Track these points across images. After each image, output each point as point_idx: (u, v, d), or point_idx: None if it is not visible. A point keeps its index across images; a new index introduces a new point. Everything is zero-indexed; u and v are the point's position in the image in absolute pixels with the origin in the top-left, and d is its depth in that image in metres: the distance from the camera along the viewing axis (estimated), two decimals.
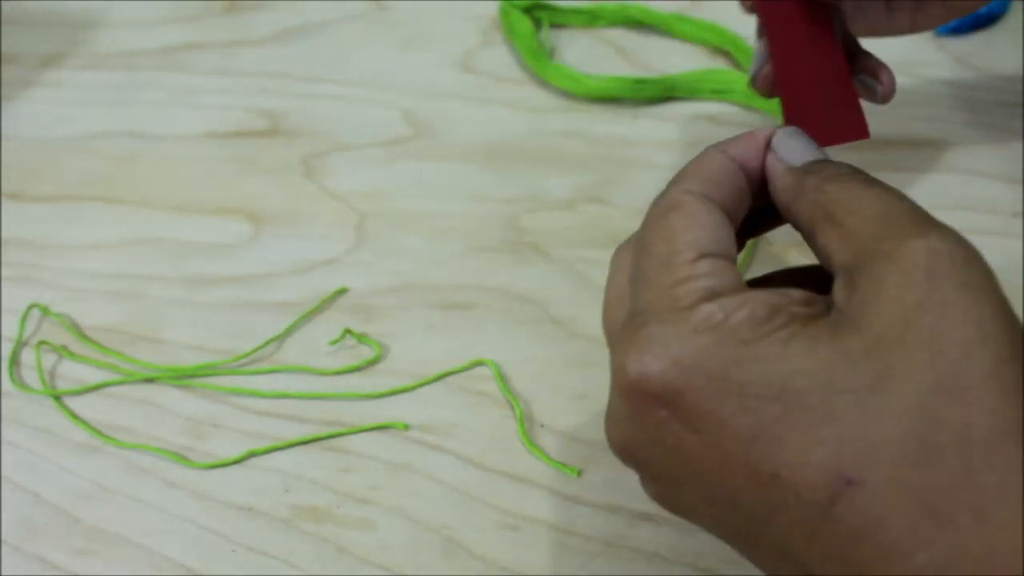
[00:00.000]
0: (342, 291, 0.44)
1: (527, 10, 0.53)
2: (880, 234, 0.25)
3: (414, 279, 0.44)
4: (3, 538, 0.38)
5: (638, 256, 0.28)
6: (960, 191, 0.45)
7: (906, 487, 0.23)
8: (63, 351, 0.43)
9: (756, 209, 0.31)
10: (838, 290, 0.26)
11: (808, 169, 0.29)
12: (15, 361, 0.43)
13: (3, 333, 0.44)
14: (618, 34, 0.54)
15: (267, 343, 0.43)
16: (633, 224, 0.45)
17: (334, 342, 0.42)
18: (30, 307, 0.44)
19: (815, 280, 0.29)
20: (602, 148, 0.48)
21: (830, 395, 0.24)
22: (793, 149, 0.30)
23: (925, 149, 0.46)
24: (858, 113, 0.34)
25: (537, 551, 0.37)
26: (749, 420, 0.24)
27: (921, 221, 0.26)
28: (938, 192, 0.45)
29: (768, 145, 0.30)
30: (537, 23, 0.53)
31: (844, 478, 0.23)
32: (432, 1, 0.56)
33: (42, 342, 0.43)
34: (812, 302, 0.26)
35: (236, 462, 0.40)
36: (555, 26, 0.54)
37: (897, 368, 0.23)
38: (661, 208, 0.29)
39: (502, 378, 0.41)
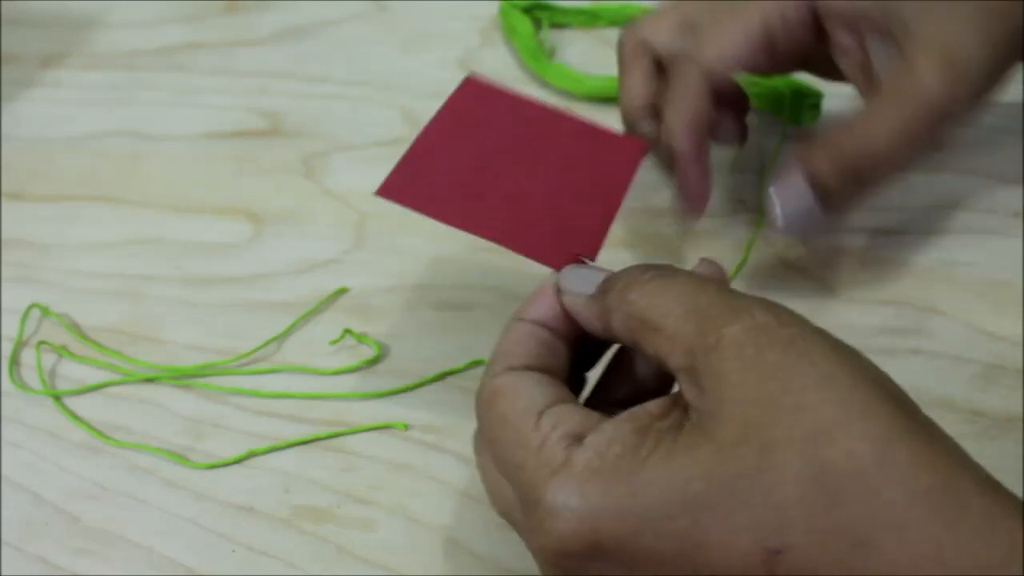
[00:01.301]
0: (342, 291, 0.44)
1: (527, 10, 0.53)
2: (700, 329, 0.27)
3: (414, 279, 0.44)
4: (3, 538, 0.38)
5: (493, 450, 0.29)
6: (960, 191, 0.45)
7: (826, 532, 0.24)
8: (63, 351, 0.43)
9: (590, 341, 0.32)
10: (686, 391, 0.27)
11: (604, 288, 0.30)
12: (15, 361, 0.43)
13: (3, 333, 0.44)
14: (618, 34, 0.54)
15: (267, 343, 0.43)
16: (633, 224, 0.45)
17: (334, 342, 0.42)
18: (30, 307, 0.44)
19: (643, 368, 0.31)
20: None
21: (726, 488, 0.25)
22: (579, 280, 0.31)
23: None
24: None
25: None
26: (668, 543, 0.26)
27: (729, 306, 0.27)
28: (938, 192, 0.45)
29: (558, 291, 0.31)
30: (537, 23, 0.53)
31: (772, 551, 0.25)
32: (432, 1, 0.56)
33: (42, 342, 0.43)
34: (668, 412, 0.27)
35: (236, 462, 0.40)
36: (555, 26, 0.54)
37: (771, 438, 0.25)
38: (483, 402, 0.30)
39: None
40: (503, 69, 0.52)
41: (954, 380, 0.39)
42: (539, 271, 0.44)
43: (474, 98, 0.36)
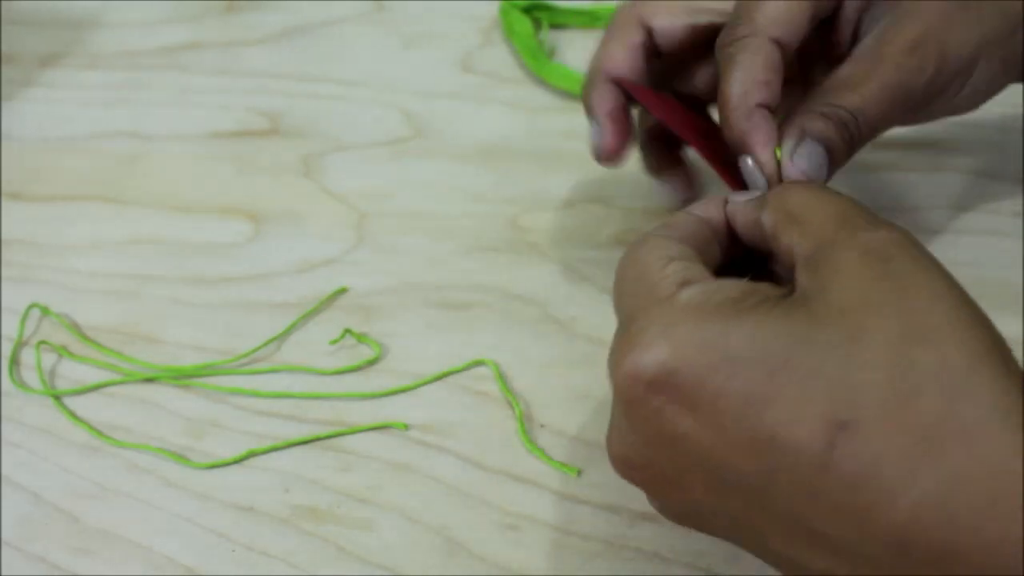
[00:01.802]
0: (342, 291, 0.44)
1: (527, 10, 0.53)
2: (837, 228, 0.28)
3: (414, 279, 0.44)
4: (3, 538, 0.38)
5: (617, 290, 0.31)
6: (960, 191, 0.45)
7: (896, 422, 0.24)
8: (63, 351, 0.43)
9: (733, 262, 0.33)
10: (801, 277, 0.28)
11: (763, 196, 0.32)
12: (15, 361, 0.43)
13: (3, 333, 0.44)
14: None
15: (267, 343, 0.43)
16: (633, 224, 0.45)
17: (334, 342, 0.42)
18: (30, 307, 0.44)
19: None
20: None
21: (810, 352, 0.25)
22: (746, 194, 0.33)
23: (925, 149, 0.47)
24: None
25: (537, 551, 0.37)
26: (739, 387, 0.26)
27: (873, 219, 0.28)
28: (938, 192, 0.45)
29: (725, 203, 0.33)
30: (537, 23, 0.53)
31: (837, 423, 0.25)
32: (432, 1, 0.56)
33: (42, 342, 0.43)
34: (778, 288, 0.28)
35: (236, 462, 0.40)
36: (555, 27, 0.54)
37: (867, 324, 0.25)
38: (629, 245, 0.31)
39: (502, 378, 0.41)
40: (503, 69, 0.52)
41: None
42: (539, 271, 0.44)
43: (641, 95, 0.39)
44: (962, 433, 0.24)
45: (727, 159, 0.35)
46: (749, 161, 0.34)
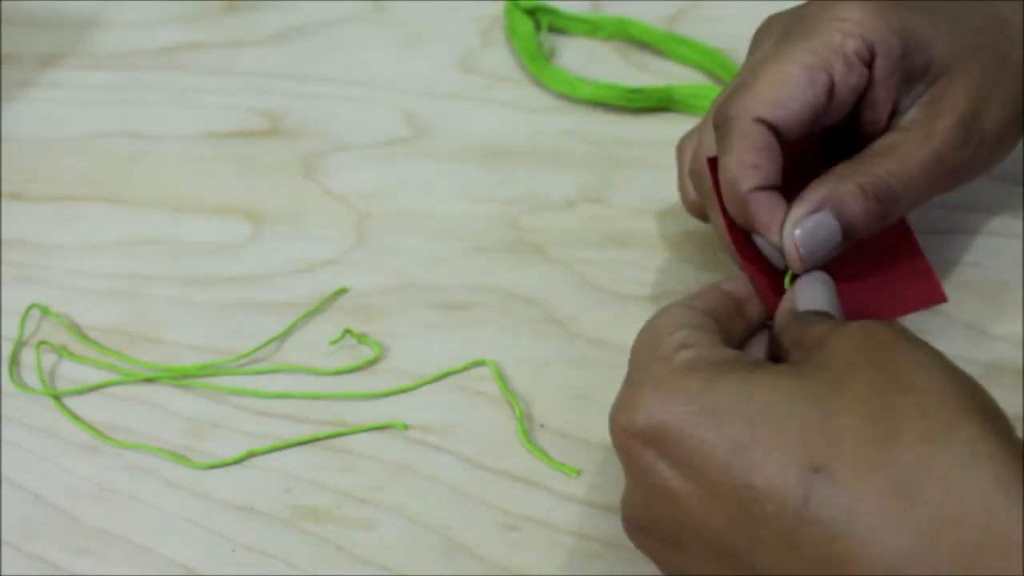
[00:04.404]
0: (342, 291, 0.44)
1: (530, 12, 0.53)
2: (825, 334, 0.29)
3: (414, 279, 0.44)
4: (3, 538, 0.38)
5: (631, 353, 0.32)
6: (960, 191, 0.45)
7: (871, 465, 0.24)
8: (63, 351, 0.43)
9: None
10: (793, 355, 0.30)
11: (802, 319, 0.31)
12: (15, 361, 0.43)
13: (3, 333, 0.44)
14: (619, 44, 0.54)
15: (267, 343, 0.43)
16: (632, 224, 0.45)
17: (334, 342, 0.42)
18: (30, 307, 0.44)
19: None
20: (601, 148, 0.48)
21: (789, 401, 0.26)
22: (808, 297, 0.32)
23: None
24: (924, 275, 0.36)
25: (537, 551, 0.37)
26: (720, 436, 0.27)
27: (860, 322, 0.29)
28: None
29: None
30: (537, 25, 0.53)
31: (812, 467, 0.25)
32: (432, 1, 0.56)
33: (42, 342, 0.43)
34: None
35: (236, 462, 0.40)
36: (555, 30, 0.54)
37: (845, 376, 0.26)
38: (651, 315, 0.32)
39: (502, 378, 0.41)
40: (503, 69, 0.52)
41: None
42: (539, 271, 0.44)
43: None
44: (942, 478, 0.24)
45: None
46: (759, 240, 0.34)
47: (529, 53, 0.52)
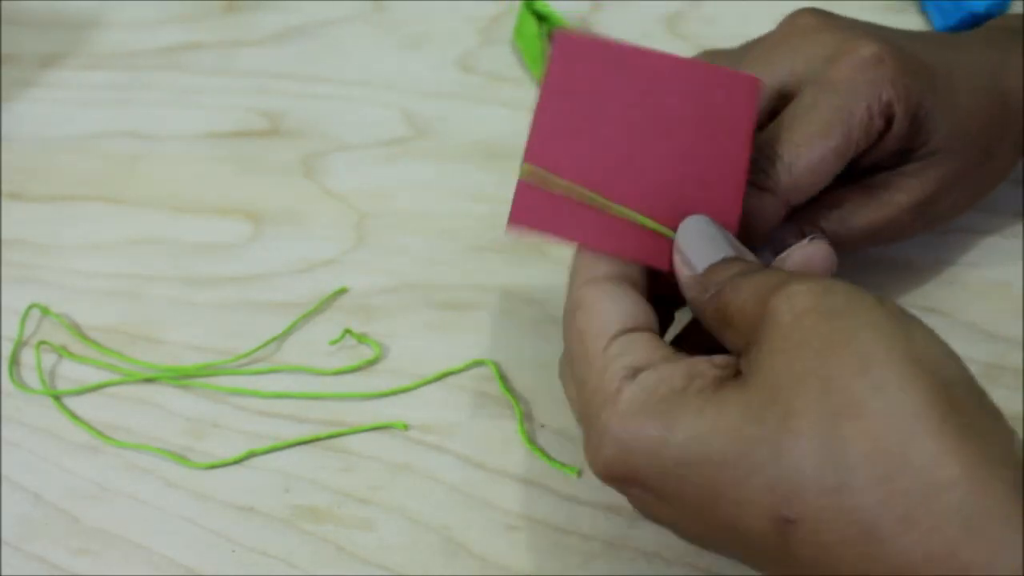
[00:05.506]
0: (342, 291, 0.44)
1: (540, 16, 0.53)
2: (756, 312, 0.28)
3: (414, 279, 0.44)
4: (3, 538, 0.38)
5: (569, 359, 0.31)
6: None
7: (835, 512, 0.24)
8: (63, 351, 0.43)
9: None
10: (743, 356, 0.28)
11: (709, 278, 0.30)
12: (15, 361, 0.43)
13: (3, 333, 0.44)
14: None
15: (267, 343, 0.43)
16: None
17: (334, 342, 0.42)
18: (30, 307, 0.44)
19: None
20: None
21: (744, 449, 0.26)
22: (696, 250, 0.31)
23: None
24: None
25: (537, 551, 0.37)
26: (691, 490, 0.27)
27: (780, 283, 0.28)
28: None
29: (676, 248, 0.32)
30: (542, 28, 0.53)
31: (782, 519, 0.25)
32: (432, 1, 0.56)
33: (42, 342, 0.43)
34: (727, 364, 0.28)
35: (236, 462, 0.40)
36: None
37: (795, 407, 0.25)
38: (567, 311, 0.32)
39: (502, 378, 0.41)
40: (503, 69, 0.52)
41: None
42: (539, 271, 0.44)
43: (570, 61, 0.33)
44: (903, 520, 0.23)
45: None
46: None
47: (533, 55, 0.52)
